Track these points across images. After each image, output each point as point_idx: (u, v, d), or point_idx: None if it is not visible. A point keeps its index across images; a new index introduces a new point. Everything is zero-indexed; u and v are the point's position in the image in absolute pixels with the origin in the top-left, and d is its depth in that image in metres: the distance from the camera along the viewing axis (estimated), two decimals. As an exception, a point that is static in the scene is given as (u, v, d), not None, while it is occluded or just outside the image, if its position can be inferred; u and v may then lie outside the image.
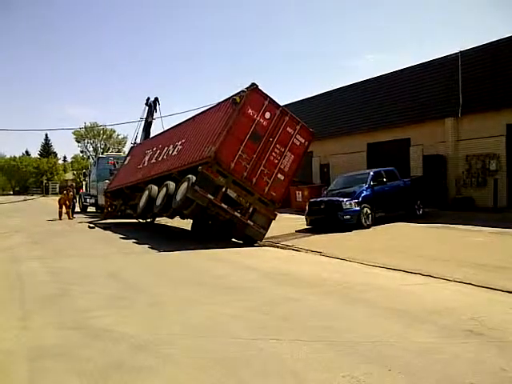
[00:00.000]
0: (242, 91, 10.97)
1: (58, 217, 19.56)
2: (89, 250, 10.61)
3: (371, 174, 13.73)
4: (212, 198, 10.26)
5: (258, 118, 10.74)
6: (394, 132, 19.35)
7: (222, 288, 6.24)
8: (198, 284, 6.57)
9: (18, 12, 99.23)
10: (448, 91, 16.84)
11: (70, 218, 19.60)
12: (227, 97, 11.88)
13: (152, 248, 10.31)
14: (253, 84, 10.89)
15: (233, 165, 10.51)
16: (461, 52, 16.44)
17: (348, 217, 12.36)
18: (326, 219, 12.75)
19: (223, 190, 10.42)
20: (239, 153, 10.58)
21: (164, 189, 12.32)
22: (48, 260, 8.92)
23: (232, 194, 10.55)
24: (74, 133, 73.53)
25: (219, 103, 12.49)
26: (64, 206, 19.78)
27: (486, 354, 3.51)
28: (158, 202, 12.48)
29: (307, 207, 13.60)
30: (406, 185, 14.27)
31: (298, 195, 19.48)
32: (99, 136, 75.95)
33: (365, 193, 12.95)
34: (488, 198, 15.40)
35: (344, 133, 22.06)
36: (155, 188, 13.19)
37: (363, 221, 12.43)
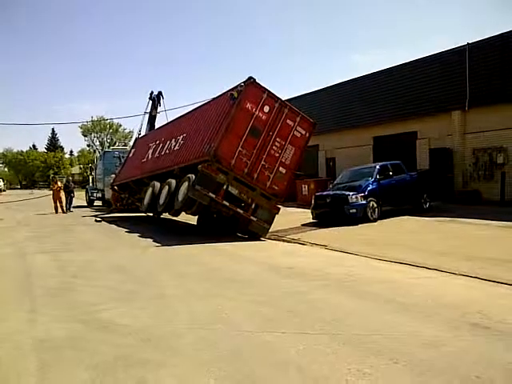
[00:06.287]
0: (240, 85, 10.76)
1: (54, 211, 19.87)
2: (95, 243, 10.69)
3: (377, 167, 13.66)
4: (213, 196, 10.17)
5: (257, 113, 10.57)
6: (400, 125, 19.22)
7: (228, 281, 6.26)
8: (204, 278, 6.59)
9: (18, 8, 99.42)
10: (455, 84, 16.70)
11: (64, 212, 19.85)
12: (225, 90, 11.74)
13: (158, 242, 10.34)
14: (250, 78, 10.66)
15: (233, 161, 10.40)
16: (468, 44, 16.26)
17: (354, 210, 12.32)
18: (332, 213, 12.71)
19: (224, 187, 10.32)
20: (239, 149, 10.44)
21: (166, 187, 12.31)
22: (55, 253, 8.97)
23: (233, 190, 10.45)
24: (80, 127, 74.01)
25: (217, 97, 12.33)
26: (58, 201, 20.05)
27: (492, 347, 3.51)
28: (161, 200, 12.48)
29: (313, 201, 13.56)
30: (412, 178, 14.18)
31: (304, 189, 19.44)
32: (105, 130, 76.23)
33: (371, 186, 12.89)
34: (495, 192, 15.30)
35: (350, 126, 21.95)
36: (158, 185, 13.21)
37: (369, 214, 12.39)
